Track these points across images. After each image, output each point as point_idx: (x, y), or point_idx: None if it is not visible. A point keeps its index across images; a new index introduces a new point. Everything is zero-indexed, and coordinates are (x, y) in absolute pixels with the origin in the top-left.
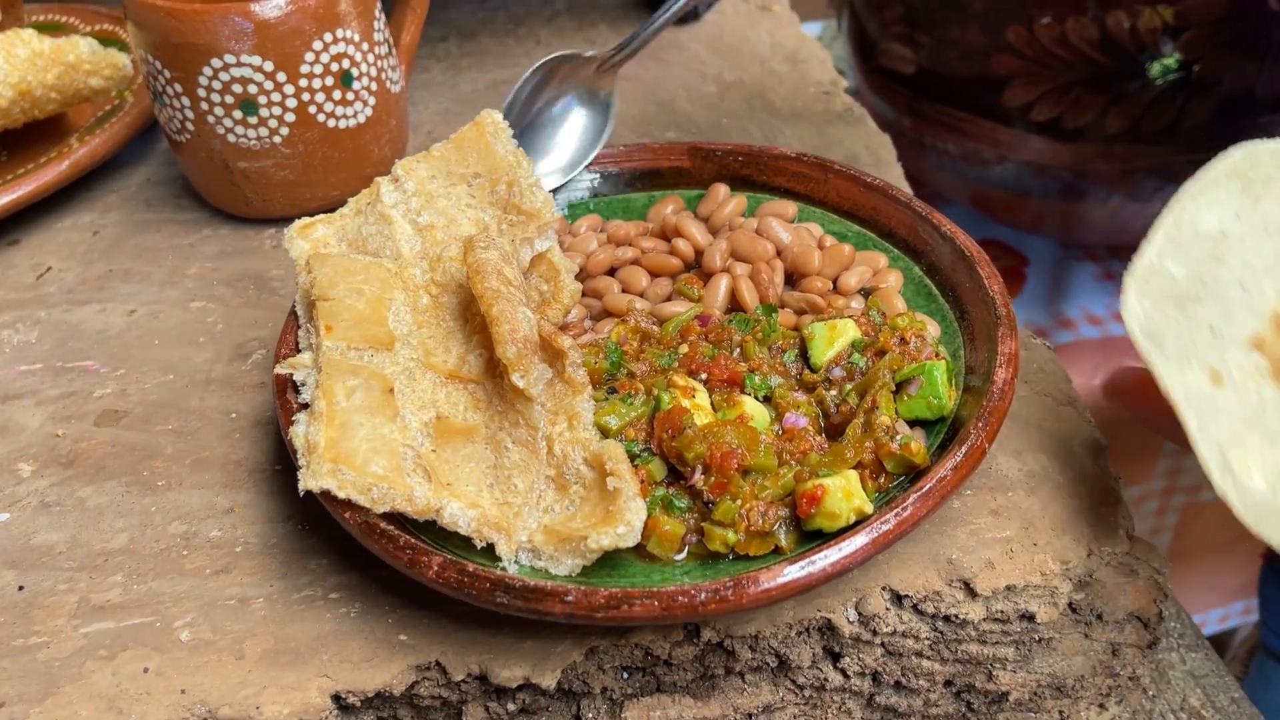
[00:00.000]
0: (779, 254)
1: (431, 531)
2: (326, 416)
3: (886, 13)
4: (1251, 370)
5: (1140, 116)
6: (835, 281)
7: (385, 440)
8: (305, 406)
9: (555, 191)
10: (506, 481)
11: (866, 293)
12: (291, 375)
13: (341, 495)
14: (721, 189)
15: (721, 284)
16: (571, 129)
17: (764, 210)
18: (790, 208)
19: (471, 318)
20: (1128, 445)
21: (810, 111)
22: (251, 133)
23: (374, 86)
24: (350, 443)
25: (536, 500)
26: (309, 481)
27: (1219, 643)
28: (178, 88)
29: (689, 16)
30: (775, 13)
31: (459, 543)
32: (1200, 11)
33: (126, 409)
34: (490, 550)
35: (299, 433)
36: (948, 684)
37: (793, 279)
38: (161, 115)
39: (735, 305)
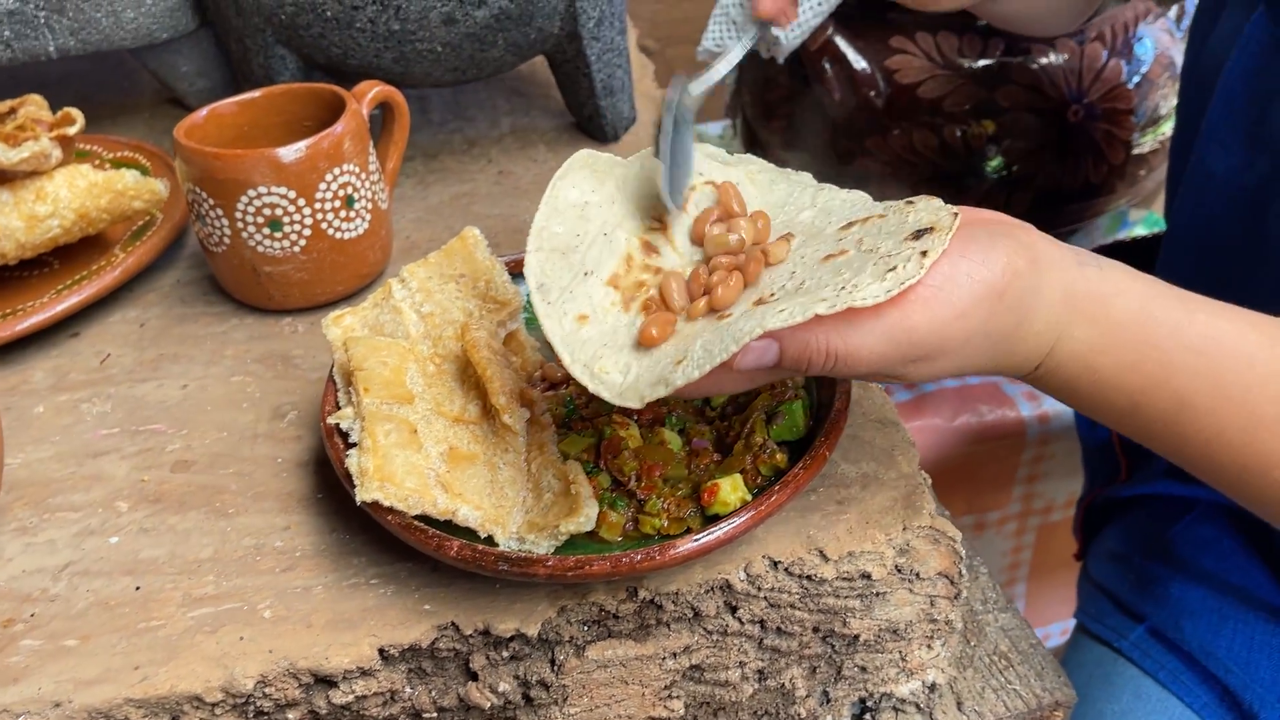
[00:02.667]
0: None
1: (446, 528)
2: (372, 450)
3: (772, 123)
4: (608, 305)
5: (977, 206)
6: None
7: (414, 465)
8: (351, 445)
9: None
10: (500, 491)
11: None
12: (339, 424)
13: (386, 504)
14: None
15: None
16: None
17: None
18: None
19: (466, 379)
20: (987, 476)
21: None
22: (276, 244)
23: (369, 205)
24: (390, 467)
25: (521, 503)
26: (364, 495)
27: None
28: (219, 211)
29: (609, 140)
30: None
31: (465, 535)
32: (1015, 124)
33: (194, 459)
34: (490, 540)
35: (353, 462)
36: (815, 630)
37: None
38: (201, 231)
39: None
